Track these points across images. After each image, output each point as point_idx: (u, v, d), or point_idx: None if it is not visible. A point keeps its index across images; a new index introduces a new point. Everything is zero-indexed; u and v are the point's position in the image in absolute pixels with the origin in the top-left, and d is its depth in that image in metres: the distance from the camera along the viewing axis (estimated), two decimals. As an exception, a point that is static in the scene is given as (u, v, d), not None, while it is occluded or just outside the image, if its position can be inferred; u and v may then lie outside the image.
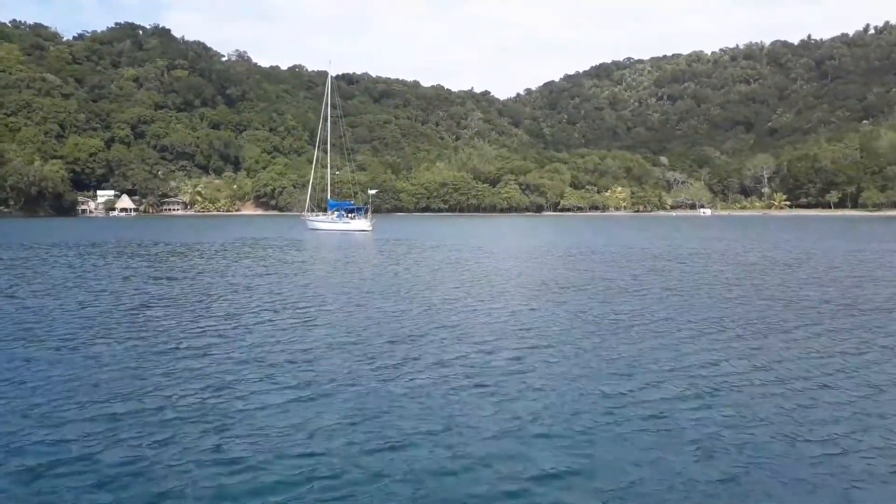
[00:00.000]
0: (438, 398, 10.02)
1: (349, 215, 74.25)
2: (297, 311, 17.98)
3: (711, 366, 12.06)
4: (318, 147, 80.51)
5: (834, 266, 31.23)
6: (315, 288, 23.05)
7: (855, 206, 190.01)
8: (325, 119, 77.88)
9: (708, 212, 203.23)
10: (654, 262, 34.01)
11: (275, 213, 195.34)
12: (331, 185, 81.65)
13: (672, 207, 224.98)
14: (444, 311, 18.04)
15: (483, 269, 30.59)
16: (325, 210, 78.86)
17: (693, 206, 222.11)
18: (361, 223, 71.29)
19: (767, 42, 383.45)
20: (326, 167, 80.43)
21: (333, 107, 78.92)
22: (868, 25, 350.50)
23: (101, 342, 13.94)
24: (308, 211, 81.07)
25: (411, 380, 11.03)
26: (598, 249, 44.00)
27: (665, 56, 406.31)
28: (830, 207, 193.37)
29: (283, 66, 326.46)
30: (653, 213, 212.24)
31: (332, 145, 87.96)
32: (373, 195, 77.97)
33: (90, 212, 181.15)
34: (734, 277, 26.32)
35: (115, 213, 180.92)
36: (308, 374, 11.34)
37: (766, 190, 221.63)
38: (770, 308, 18.40)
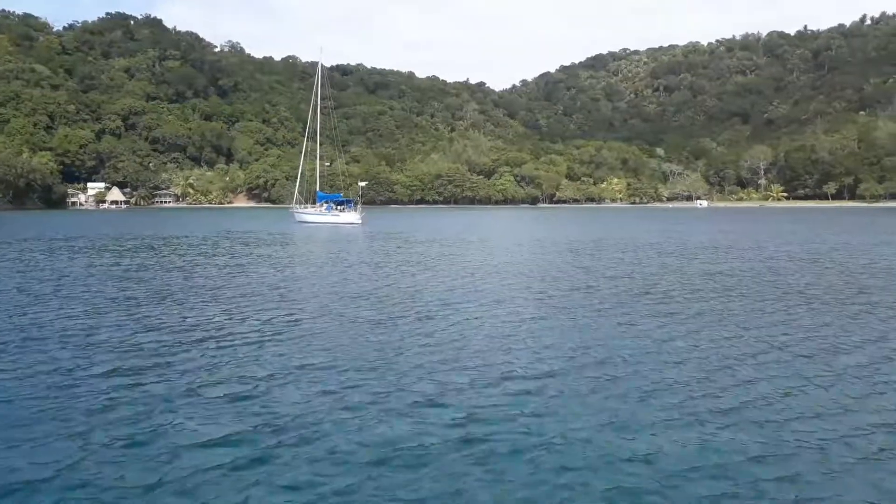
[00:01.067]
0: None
1: (338, 208, 72.27)
2: (260, 323, 15.00)
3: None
4: (307, 137, 78.53)
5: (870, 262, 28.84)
6: (288, 292, 20.20)
7: (852, 197, 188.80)
8: (315, 108, 75.86)
9: (704, 203, 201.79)
10: (668, 260, 32.32)
11: (267, 205, 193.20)
12: (320, 176, 79.52)
13: (668, 199, 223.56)
14: (436, 324, 14.99)
15: (480, 269, 26.96)
16: (314, 202, 76.92)
17: (689, 198, 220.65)
18: (351, 216, 69.32)
19: (764, 33, 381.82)
20: (316, 158, 78.32)
21: (324, 97, 76.89)
22: (865, 16, 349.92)
23: (18, 353, 12.17)
24: (296, 203, 79.19)
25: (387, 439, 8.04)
26: (604, 245, 41.32)
27: (661, 47, 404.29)
28: (828, 199, 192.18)
29: (277, 58, 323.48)
30: (649, 205, 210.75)
31: (327, 136, 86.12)
32: (363, 187, 75.94)
33: (80, 204, 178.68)
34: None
35: (106, 205, 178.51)
36: (251, 419, 8.60)
37: (762, 181, 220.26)
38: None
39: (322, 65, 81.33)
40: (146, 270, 26.42)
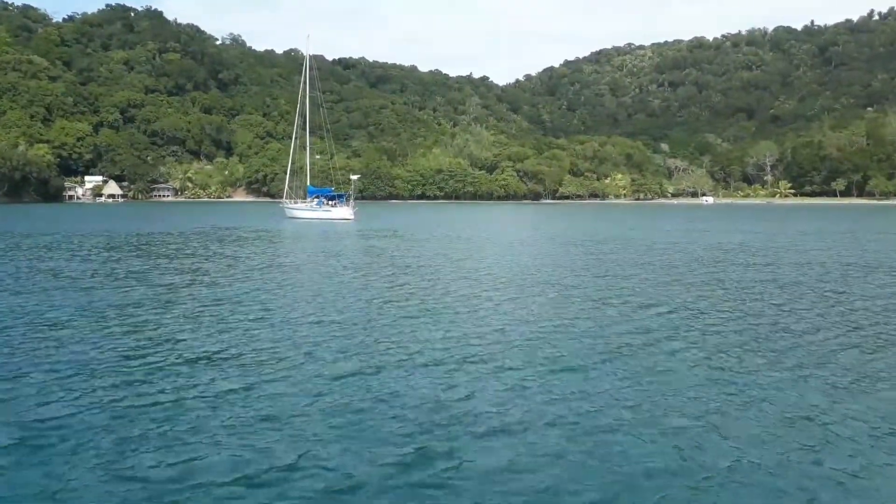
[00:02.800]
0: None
1: (329, 202, 69.10)
2: (209, 362, 10.96)
3: None
4: (297, 128, 75.98)
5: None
6: (257, 305, 16.61)
7: (861, 194, 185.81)
8: (304, 98, 73.31)
9: (710, 200, 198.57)
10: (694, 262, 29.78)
11: (267, 199, 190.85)
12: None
13: (673, 195, 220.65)
14: (429, 356, 11.44)
15: (492, 281, 21.77)
16: (304, 197, 74.12)
17: (695, 194, 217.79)
18: (343, 211, 66.20)
19: (770, 28, 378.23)
20: (306, 149, 75.57)
21: (314, 87, 74.23)
22: (872, 11, 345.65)
23: None
24: (286, 198, 76.56)
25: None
26: (619, 246, 37.55)
27: (666, 42, 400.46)
28: (836, 196, 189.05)
29: (279, 51, 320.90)
30: (654, 201, 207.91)
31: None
32: (356, 181, 73.28)
33: (77, 198, 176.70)
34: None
35: (102, 199, 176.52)
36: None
37: (769, 178, 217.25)
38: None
39: (309, 55, 78.89)
40: (105, 272, 23.76)
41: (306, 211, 69.51)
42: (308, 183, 75.97)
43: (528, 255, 31.39)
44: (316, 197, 71.13)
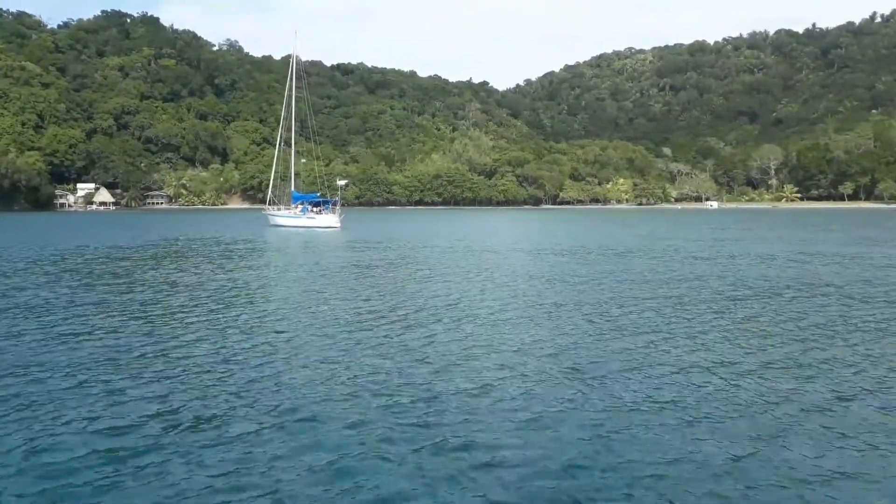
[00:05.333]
0: None
1: (314, 209, 64.86)
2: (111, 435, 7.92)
3: None
4: (281, 128, 72.53)
5: None
6: (196, 348, 12.54)
7: (869, 197, 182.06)
8: (290, 100, 69.92)
9: (715, 205, 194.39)
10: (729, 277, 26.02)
11: (262, 206, 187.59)
12: (298, 174, 72.85)
13: (676, 200, 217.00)
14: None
15: (496, 312, 16.73)
16: (289, 203, 69.93)
17: (698, 199, 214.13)
18: (329, 219, 61.92)
19: (772, 31, 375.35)
20: (291, 147, 71.62)
21: (299, 88, 70.77)
22: (875, 13, 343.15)
23: None
24: (269, 204, 72.75)
25: None
26: (641, 260, 31.70)
27: (667, 46, 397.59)
28: (844, 200, 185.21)
29: (277, 57, 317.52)
30: (657, 206, 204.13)
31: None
32: (343, 186, 69.47)
33: (69, 206, 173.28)
34: None
35: (94, 206, 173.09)
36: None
37: (773, 182, 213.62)
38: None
39: (295, 56, 75.47)
40: (21, 300, 20.07)
41: (290, 218, 65.31)
42: (292, 188, 71.88)
43: (553, 277, 24.06)
44: (300, 203, 66.80)
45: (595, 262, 30.31)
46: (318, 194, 70.20)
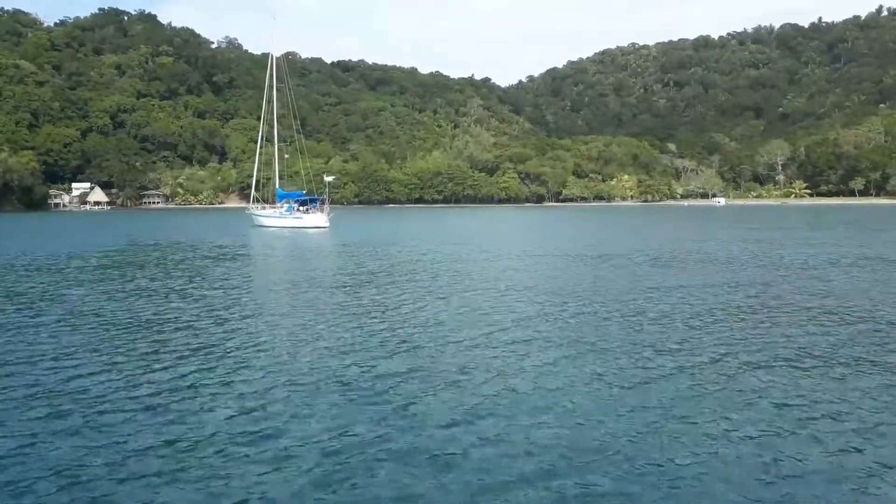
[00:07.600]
0: None
1: (301, 208, 61.15)
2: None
3: None
4: (263, 122, 69.32)
5: None
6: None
7: (880, 193, 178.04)
8: (271, 94, 66.79)
9: (722, 201, 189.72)
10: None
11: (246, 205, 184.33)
12: (278, 170, 69.12)
13: (682, 196, 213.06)
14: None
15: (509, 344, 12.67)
16: (274, 201, 66.17)
17: (705, 195, 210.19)
18: (317, 218, 58.28)
19: (777, 25, 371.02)
20: (274, 145, 68.29)
21: (281, 81, 67.74)
22: (881, 7, 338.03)
23: None
24: (253, 203, 69.10)
25: None
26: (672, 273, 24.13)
27: (671, 41, 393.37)
28: (854, 195, 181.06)
29: (276, 54, 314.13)
30: (662, 203, 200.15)
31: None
32: (330, 182, 66.03)
33: (63, 205, 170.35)
34: None
35: (88, 206, 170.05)
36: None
37: (780, 177, 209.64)
38: None
39: (274, 56, 72.33)
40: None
41: (275, 218, 61.58)
42: (276, 185, 68.14)
43: (577, 293, 19.05)
44: (286, 202, 62.98)
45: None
46: (304, 192, 66.50)
